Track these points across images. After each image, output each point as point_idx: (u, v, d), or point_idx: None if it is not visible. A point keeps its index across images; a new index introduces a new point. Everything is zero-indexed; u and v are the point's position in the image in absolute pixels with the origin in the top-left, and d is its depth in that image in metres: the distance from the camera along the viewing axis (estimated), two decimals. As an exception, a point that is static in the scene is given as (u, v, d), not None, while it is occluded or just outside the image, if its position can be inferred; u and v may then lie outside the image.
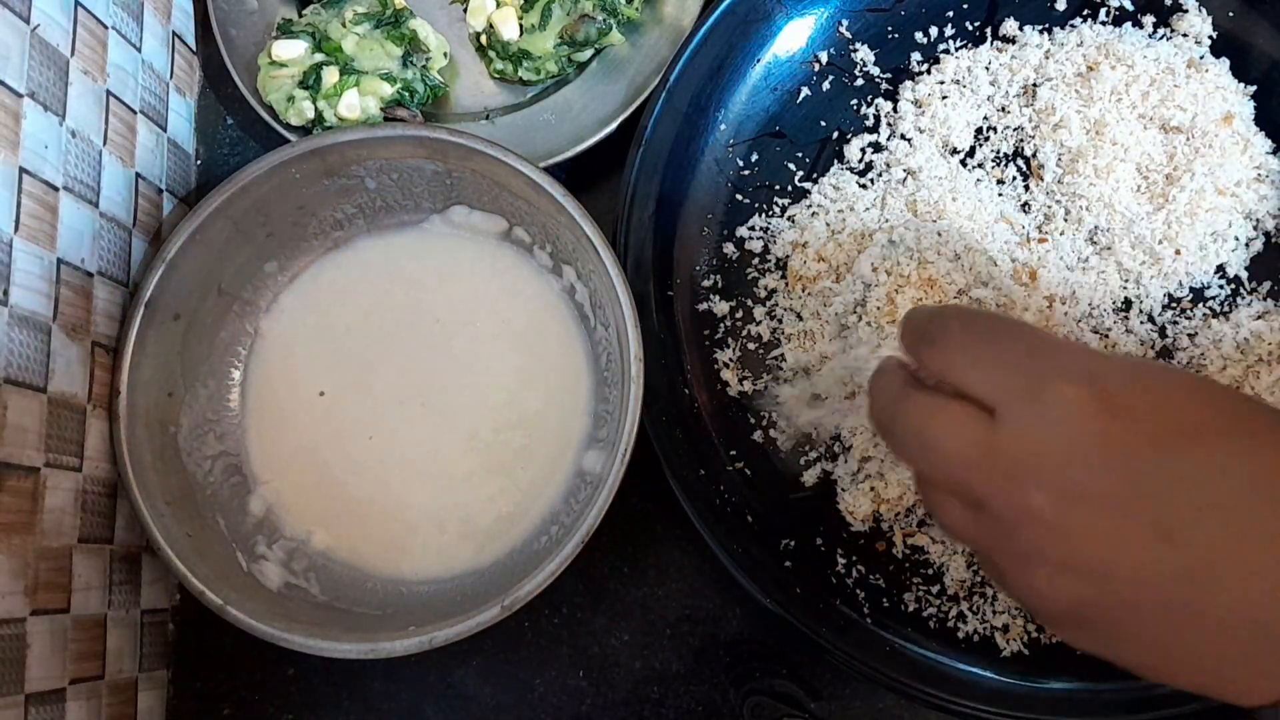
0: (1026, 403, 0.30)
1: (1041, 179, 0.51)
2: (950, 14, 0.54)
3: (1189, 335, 0.50)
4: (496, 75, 0.57)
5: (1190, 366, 0.50)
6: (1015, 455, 0.29)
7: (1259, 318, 0.49)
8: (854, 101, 0.55)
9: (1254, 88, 0.51)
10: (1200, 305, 0.50)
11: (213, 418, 0.51)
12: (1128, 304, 0.50)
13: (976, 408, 0.31)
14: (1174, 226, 0.49)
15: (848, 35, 0.55)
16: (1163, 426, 0.29)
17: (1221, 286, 0.50)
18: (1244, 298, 0.50)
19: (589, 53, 0.56)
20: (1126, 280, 0.50)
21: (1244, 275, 0.50)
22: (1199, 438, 0.29)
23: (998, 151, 0.53)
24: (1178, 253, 0.49)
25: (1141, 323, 0.50)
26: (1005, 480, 0.30)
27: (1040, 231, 0.51)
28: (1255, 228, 0.50)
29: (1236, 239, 0.50)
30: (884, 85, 0.54)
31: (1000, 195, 0.52)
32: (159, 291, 0.48)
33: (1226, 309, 0.50)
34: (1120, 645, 0.30)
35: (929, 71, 0.54)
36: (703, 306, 0.53)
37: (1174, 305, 0.50)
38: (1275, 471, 0.28)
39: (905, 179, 0.52)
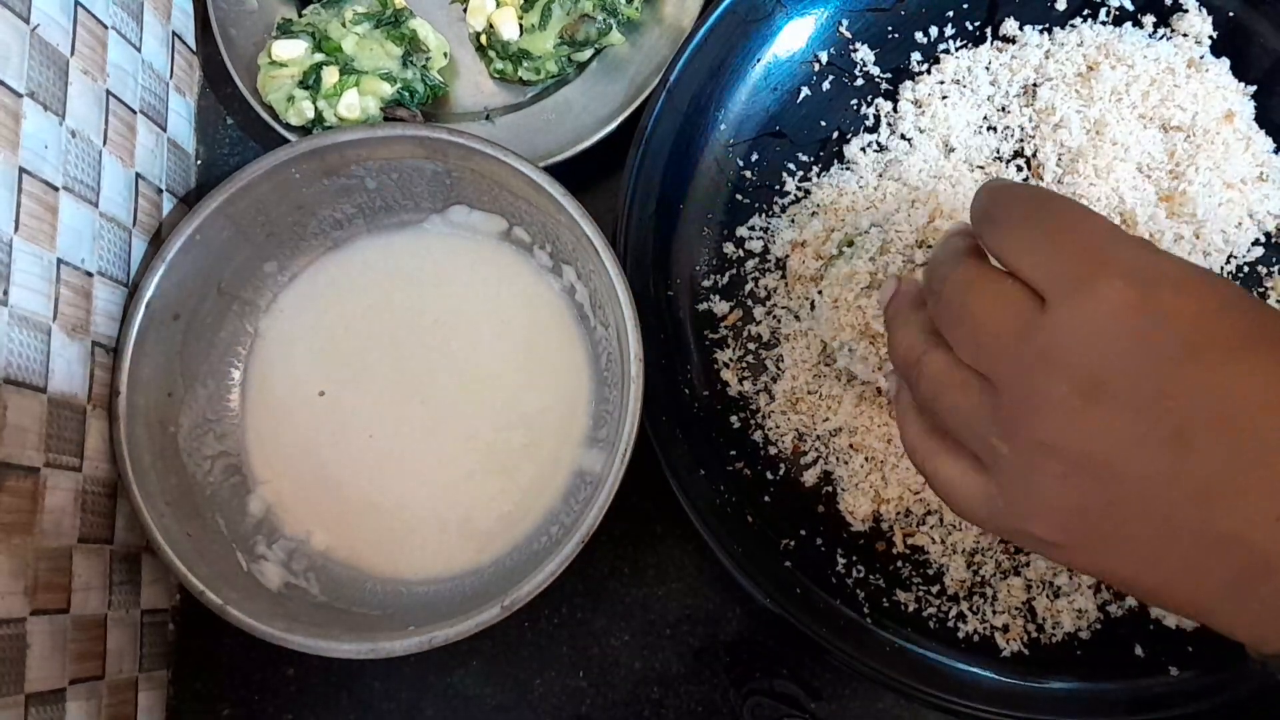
0: (1074, 294, 0.29)
1: (1042, 179, 0.51)
2: (950, 14, 0.54)
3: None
4: (496, 75, 0.57)
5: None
6: (1053, 343, 0.29)
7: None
8: (854, 101, 0.54)
9: (1254, 88, 0.51)
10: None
11: (212, 418, 0.51)
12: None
13: (1028, 291, 0.30)
14: (1177, 227, 0.49)
15: (848, 35, 0.55)
16: (1201, 334, 0.28)
17: (1222, 286, 0.50)
18: (1244, 298, 0.50)
19: (589, 52, 0.56)
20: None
21: (1245, 276, 0.50)
22: (1232, 349, 0.28)
23: (998, 151, 0.53)
24: (1179, 239, 0.49)
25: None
26: (1036, 365, 0.29)
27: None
28: (1257, 227, 0.50)
29: (1239, 238, 0.50)
30: (884, 85, 0.54)
31: (1000, 195, 0.52)
32: (159, 291, 0.48)
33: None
34: (1114, 557, 0.30)
35: (929, 71, 0.54)
36: (703, 306, 0.53)
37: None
38: None
39: (905, 179, 0.52)
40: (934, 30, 0.54)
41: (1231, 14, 0.52)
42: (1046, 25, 0.53)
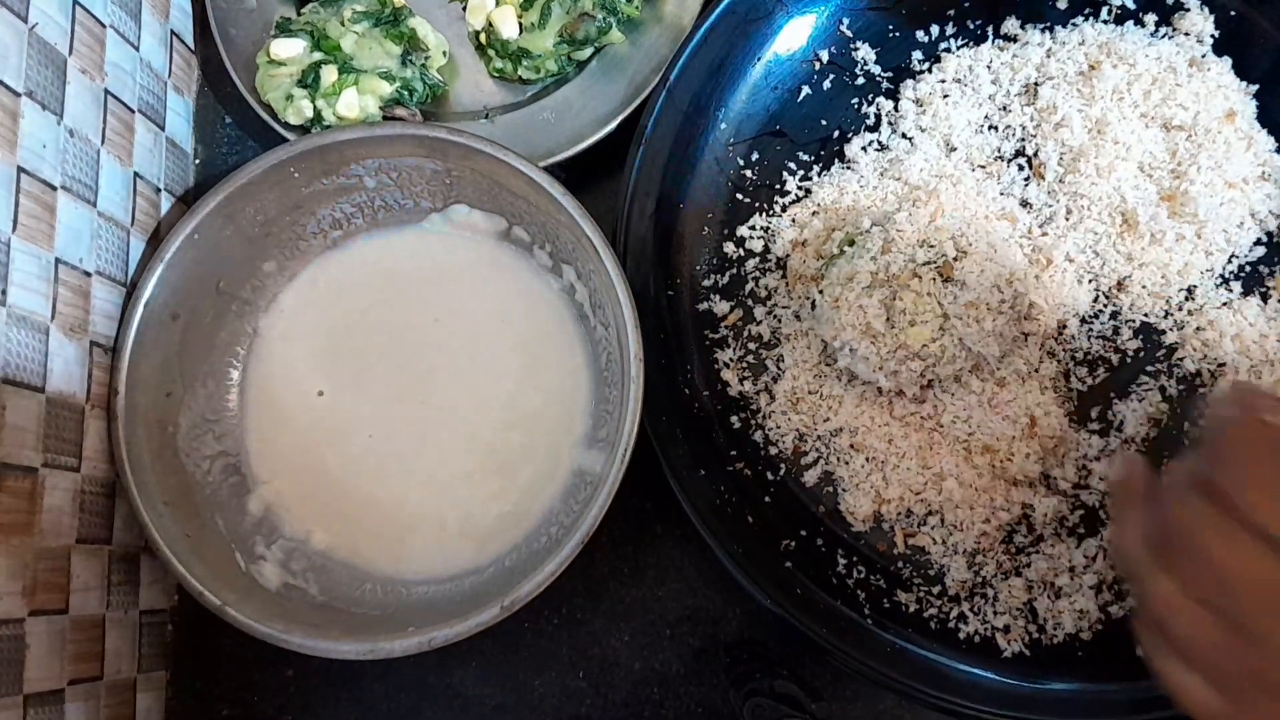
0: None
1: (1043, 178, 0.51)
2: (951, 12, 0.54)
3: (1192, 333, 0.50)
4: (496, 74, 0.57)
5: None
6: None
7: (1261, 317, 0.49)
8: (855, 100, 0.54)
9: (1256, 87, 0.51)
10: (1203, 305, 0.50)
11: (211, 417, 0.51)
12: (1132, 305, 0.50)
13: (1265, 538, 0.32)
14: (1178, 226, 0.49)
15: (848, 34, 0.54)
16: None
17: (1225, 286, 0.50)
18: (1247, 297, 0.50)
19: (589, 51, 0.56)
20: (1127, 279, 0.50)
21: (1246, 275, 0.50)
22: None
23: (999, 150, 0.52)
24: (1181, 239, 0.49)
25: (1144, 323, 0.50)
26: None
27: (1042, 230, 0.51)
28: (1258, 226, 0.50)
29: (1241, 238, 0.50)
30: (885, 84, 0.54)
31: (1001, 194, 0.52)
32: (157, 291, 0.47)
33: (1229, 308, 0.50)
34: None
35: (930, 70, 0.54)
36: (703, 306, 0.53)
37: (1180, 307, 0.50)
38: None
39: (906, 178, 0.52)
40: (935, 29, 0.54)
41: (1233, 13, 0.52)
42: (1048, 24, 0.53)
